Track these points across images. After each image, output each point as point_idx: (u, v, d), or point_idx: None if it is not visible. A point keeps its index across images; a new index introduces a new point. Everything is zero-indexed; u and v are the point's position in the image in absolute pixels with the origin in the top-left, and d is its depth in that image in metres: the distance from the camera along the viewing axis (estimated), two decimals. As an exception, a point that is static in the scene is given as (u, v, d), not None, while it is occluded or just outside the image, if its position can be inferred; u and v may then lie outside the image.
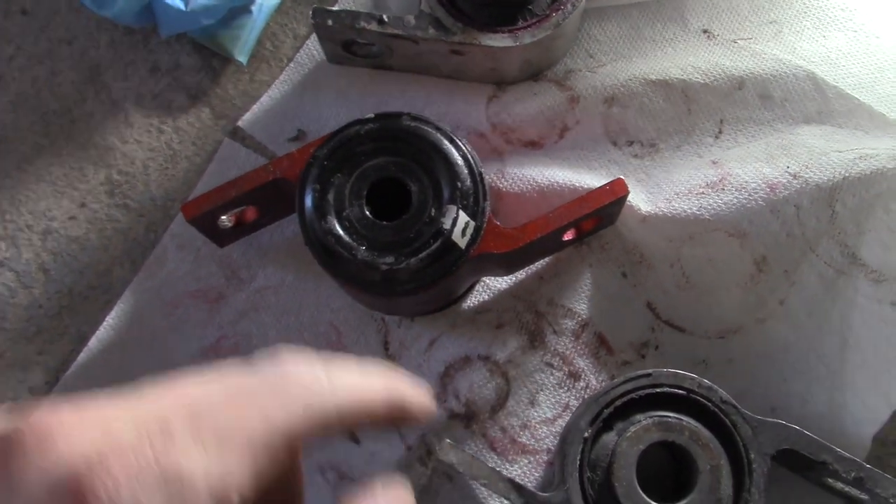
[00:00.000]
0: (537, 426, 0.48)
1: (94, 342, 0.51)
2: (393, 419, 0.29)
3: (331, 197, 0.44)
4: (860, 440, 0.47)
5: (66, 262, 0.53)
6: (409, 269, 0.43)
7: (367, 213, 0.44)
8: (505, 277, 0.51)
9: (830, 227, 0.47)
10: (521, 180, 0.51)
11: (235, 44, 0.53)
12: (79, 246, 0.53)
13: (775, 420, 0.43)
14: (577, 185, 0.50)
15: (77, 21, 0.56)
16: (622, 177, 0.47)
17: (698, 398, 0.43)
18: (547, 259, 0.51)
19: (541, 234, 0.44)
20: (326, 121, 0.53)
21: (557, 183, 0.50)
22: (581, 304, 0.50)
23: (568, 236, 0.49)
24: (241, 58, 0.54)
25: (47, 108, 0.55)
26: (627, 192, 0.46)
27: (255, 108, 0.54)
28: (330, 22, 0.49)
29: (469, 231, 0.44)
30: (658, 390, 0.43)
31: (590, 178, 0.50)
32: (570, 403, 0.48)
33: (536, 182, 0.51)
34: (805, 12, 0.54)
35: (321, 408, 0.25)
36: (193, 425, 0.23)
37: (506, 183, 0.51)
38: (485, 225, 0.44)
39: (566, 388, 0.49)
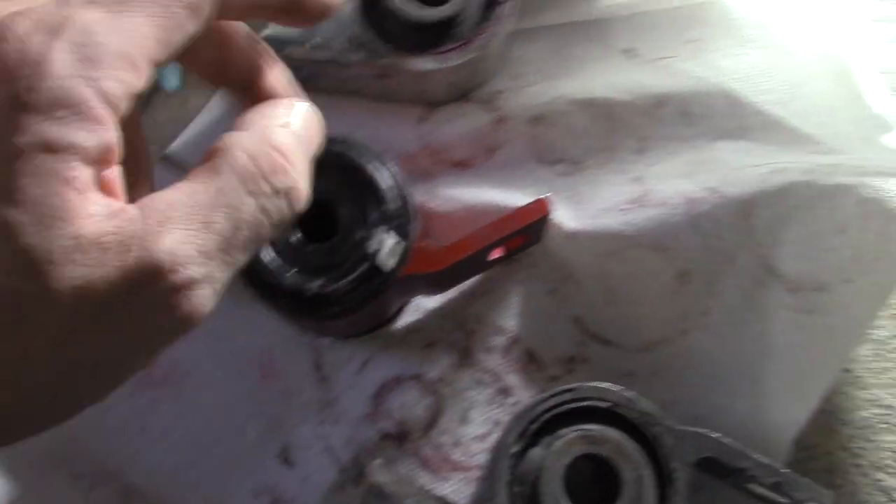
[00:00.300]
0: (469, 443, 0.49)
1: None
2: (288, 8, 0.29)
3: None
4: (782, 445, 0.48)
5: None
6: (337, 291, 0.43)
7: (297, 236, 0.44)
8: (435, 297, 0.51)
9: (748, 239, 0.48)
10: (451, 200, 0.52)
11: (163, 72, 0.54)
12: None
13: (696, 429, 0.44)
14: (506, 204, 0.51)
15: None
16: (548, 195, 0.49)
17: (621, 410, 0.44)
18: (477, 277, 0.51)
19: (466, 253, 0.45)
20: (258, 144, 0.54)
21: (487, 202, 0.51)
22: (510, 321, 0.51)
23: (496, 254, 0.50)
24: (171, 85, 0.54)
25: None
26: (549, 211, 0.47)
27: (186, 133, 0.54)
28: (256, 48, 0.49)
29: (396, 252, 0.44)
30: (582, 404, 0.44)
31: (519, 197, 0.51)
32: (502, 419, 0.49)
33: (467, 202, 0.52)
34: (723, 30, 0.55)
35: None
36: None
37: (436, 203, 0.52)
38: (412, 246, 0.45)
39: (497, 405, 0.50)
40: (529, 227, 0.47)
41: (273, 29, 0.55)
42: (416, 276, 0.45)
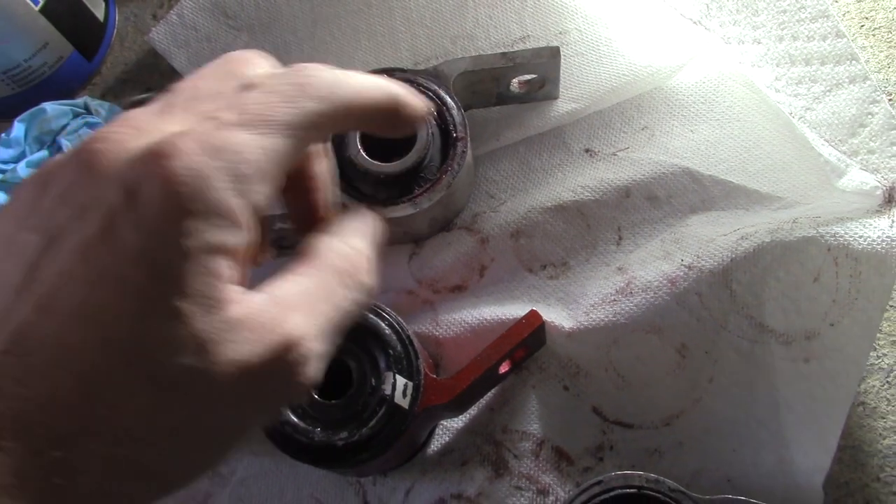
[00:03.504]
0: (518, 550, 0.51)
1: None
2: (392, 115, 0.34)
3: None
4: (813, 490, 0.50)
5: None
6: (363, 438, 0.47)
7: (315, 396, 0.48)
8: (461, 416, 0.55)
9: (733, 304, 0.51)
10: (455, 324, 0.56)
11: None
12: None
13: (724, 496, 0.46)
14: (504, 317, 0.54)
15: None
16: (540, 302, 0.53)
17: (649, 492, 0.47)
18: (494, 390, 0.55)
19: (474, 377, 0.49)
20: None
21: (486, 319, 0.55)
22: (534, 425, 0.54)
23: (505, 368, 0.53)
24: None
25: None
26: (542, 321, 0.50)
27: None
28: (250, 230, 0.54)
29: (409, 391, 0.48)
30: (612, 494, 0.47)
31: (515, 308, 0.55)
32: (543, 521, 0.52)
33: (469, 323, 0.55)
34: (671, 113, 0.59)
35: (337, 98, 0.31)
36: (239, 112, 0.28)
37: (441, 330, 0.56)
38: (422, 382, 0.48)
39: (537, 507, 0.52)
40: (528, 339, 0.50)
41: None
42: (432, 407, 0.49)
